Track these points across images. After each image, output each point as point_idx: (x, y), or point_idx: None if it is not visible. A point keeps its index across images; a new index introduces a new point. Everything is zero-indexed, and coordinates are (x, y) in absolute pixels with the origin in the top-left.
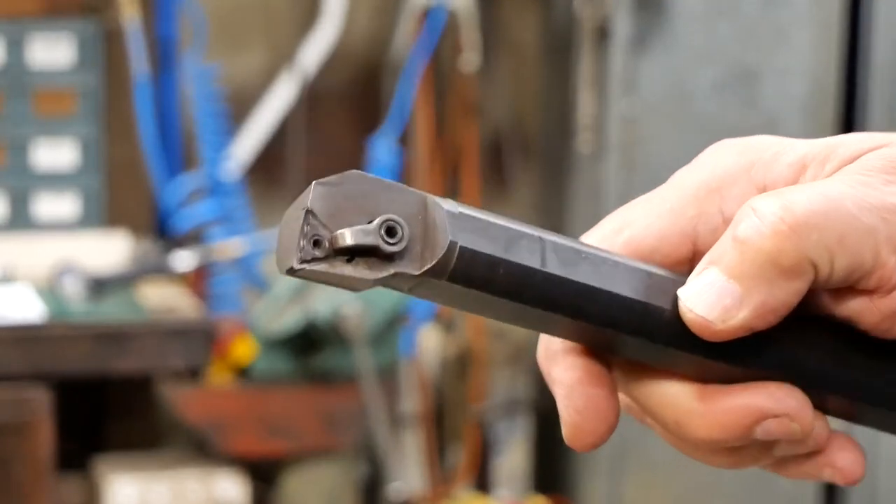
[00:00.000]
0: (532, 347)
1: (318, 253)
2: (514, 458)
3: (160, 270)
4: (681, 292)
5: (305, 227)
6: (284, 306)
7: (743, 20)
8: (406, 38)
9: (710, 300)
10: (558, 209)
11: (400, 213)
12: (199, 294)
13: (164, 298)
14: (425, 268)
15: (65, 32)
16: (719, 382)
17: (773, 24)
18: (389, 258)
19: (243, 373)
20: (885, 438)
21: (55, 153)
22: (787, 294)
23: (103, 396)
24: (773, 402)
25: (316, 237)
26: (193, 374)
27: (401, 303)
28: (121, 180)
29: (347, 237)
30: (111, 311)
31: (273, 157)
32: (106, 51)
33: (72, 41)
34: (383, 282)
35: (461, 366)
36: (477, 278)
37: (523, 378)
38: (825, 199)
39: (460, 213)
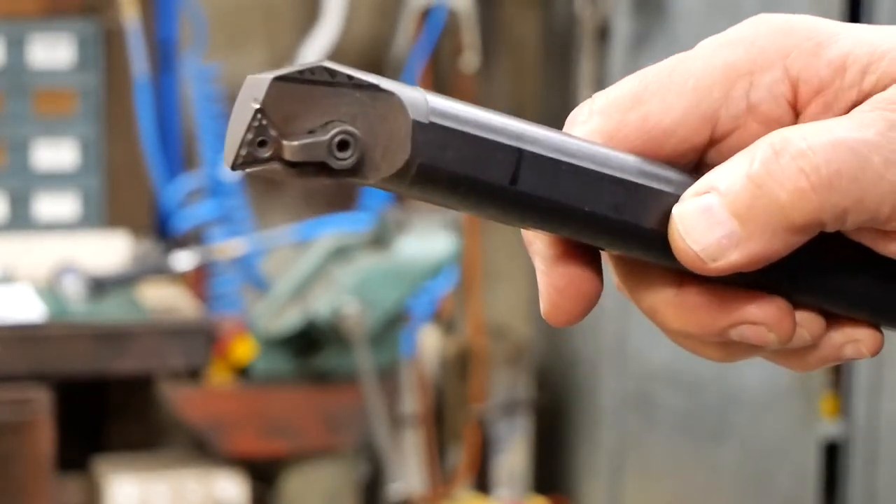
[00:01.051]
0: (532, 348)
1: (262, 153)
2: (514, 458)
3: (160, 270)
4: (675, 211)
5: (253, 125)
6: (284, 306)
7: (742, 20)
8: (406, 38)
9: (704, 231)
10: None
11: (360, 115)
12: (199, 294)
13: (164, 298)
14: (380, 177)
15: (65, 32)
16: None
17: None
18: (339, 172)
19: (243, 373)
20: (884, 439)
21: (55, 153)
22: (787, 246)
23: (103, 396)
24: (753, 311)
25: (263, 139)
26: (193, 374)
27: (401, 303)
28: (121, 180)
29: (296, 151)
30: (111, 311)
31: None
32: (106, 51)
33: (72, 41)
34: (333, 182)
35: (461, 366)
36: (436, 193)
37: (523, 378)
38: (853, 155)
39: (431, 121)
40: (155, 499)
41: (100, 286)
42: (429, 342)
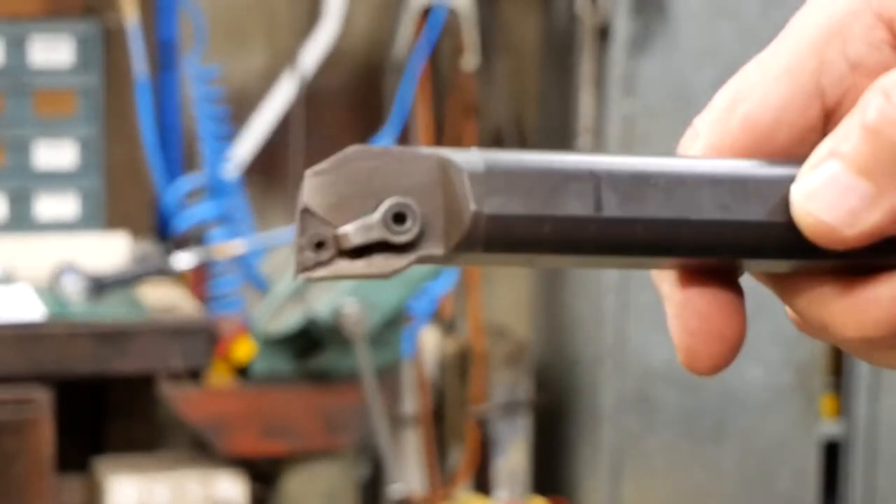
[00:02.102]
0: (532, 348)
1: (322, 256)
2: (514, 458)
3: (160, 270)
4: (794, 190)
5: (303, 229)
6: (284, 306)
7: (743, 20)
8: (406, 38)
9: (832, 200)
10: None
11: (413, 187)
12: (199, 294)
13: (164, 298)
14: (451, 246)
15: (65, 32)
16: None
17: (773, 25)
18: (405, 247)
19: (243, 373)
20: (885, 439)
21: (55, 153)
22: None
23: (103, 396)
24: None
25: (318, 238)
26: (193, 374)
27: (401, 303)
28: (121, 180)
29: (350, 237)
30: (111, 311)
31: (273, 157)
32: (106, 51)
33: (72, 41)
34: (408, 267)
35: (461, 366)
36: (518, 243)
37: (523, 378)
38: None
39: (486, 170)
40: (155, 499)
41: (100, 286)
42: (429, 342)
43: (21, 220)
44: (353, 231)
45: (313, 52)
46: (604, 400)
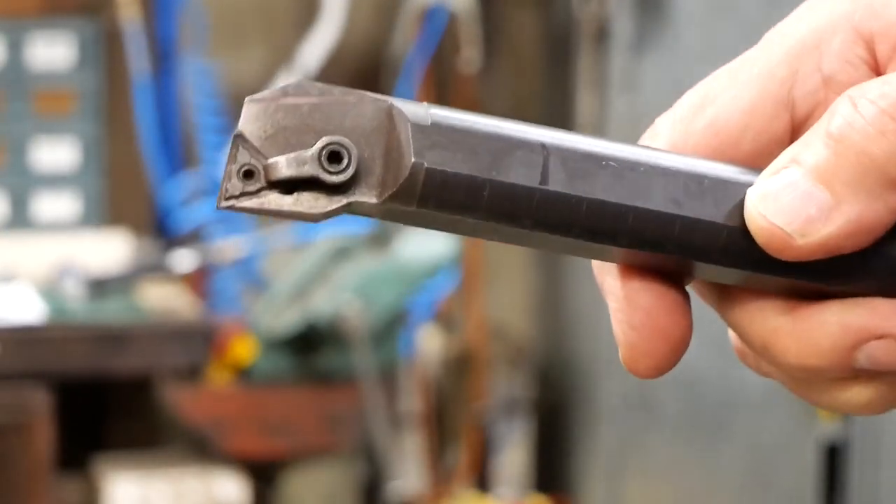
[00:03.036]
0: (532, 348)
1: (249, 186)
2: (514, 457)
3: (160, 270)
4: (750, 193)
5: (235, 155)
6: (284, 306)
7: (743, 20)
8: (406, 38)
9: (787, 205)
10: None
11: (355, 129)
12: (199, 294)
13: (164, 298)
14: (385, 195)
15: (65, 32)
16: (809, 297)
17: (773, 25)
18: (337, 188)
19: (243, 373)
20: (885, 439)
21: (55, 153)
22: (890, 209)
23: (103, 396)
24: (878, 319)
25: (247, 167)
26: (193, 374)
27: (401, 303)
28: (121, 180)
29: (281, 167)
30: (111, 311)
31: None
32: (106, 51)
33: (72, 41)
34: (336, 213)
35: (461, 366)
36: (454, 203)
37: (523, 378)
38: None
39: (433, 123)
40: (155, 498)
41: (100, 286)
42: (429, 342)
43: (21, 220)
44: (284, 162)
45: (313, 52)
46: (604, 400)
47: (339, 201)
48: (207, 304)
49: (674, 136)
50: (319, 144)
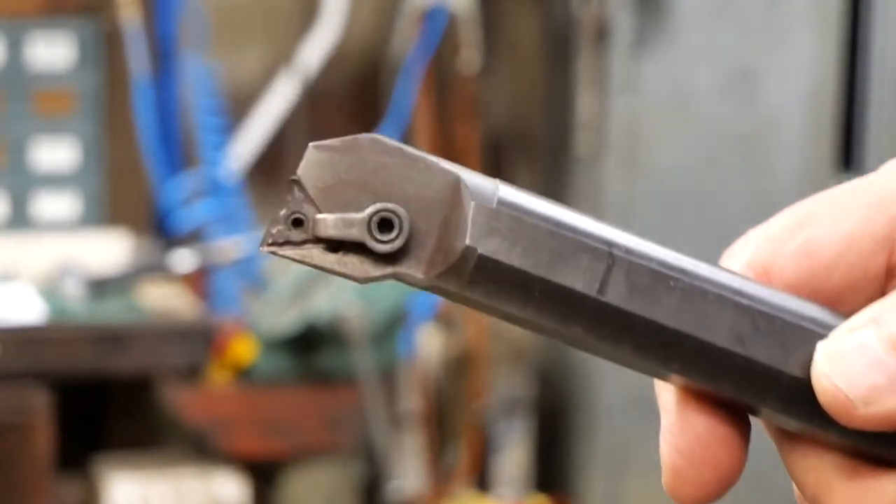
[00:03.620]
0: (532, 348)
1: (295, 236)
2: (514, 456)
3: (160, 270)
4: (820, 347)
5: (287, 198)
6: (285, 306)
7: (743, 20)
8: (405, 39)
9: (855, 370)
10: None
11: (415, 197)
12: (199, 294)
13: (163, 298)
14: (432, 273)
15: (65, 32)
16: (870, 461)
17: (773, 24)
18: (384, 257)
19: (243, 373)
20: None
21: (55, 153)
22: None
23: (103, 396)
24: None
25: (297, 216)
26: (193, 374)
27: (401, 303)
28: (121, 180)
29: (328, 226)
30: (111, 311)
31: (273, 157)
32: (106, 51)
33: (72, 41)
34: (380, 279)
35: (461, 365)
36: (502, 295)
37: (523, 378)
38: None
39: (498, 206)
40: (155, 498)
41: (100, 286)
42: (429, 342)
43: (21, 220)
44: (332, 221)
45: (313, 52)
46: (604, 399)
47: (383, 269)
48: (207, 304)
49: (764, 251)
50: (371, 209)
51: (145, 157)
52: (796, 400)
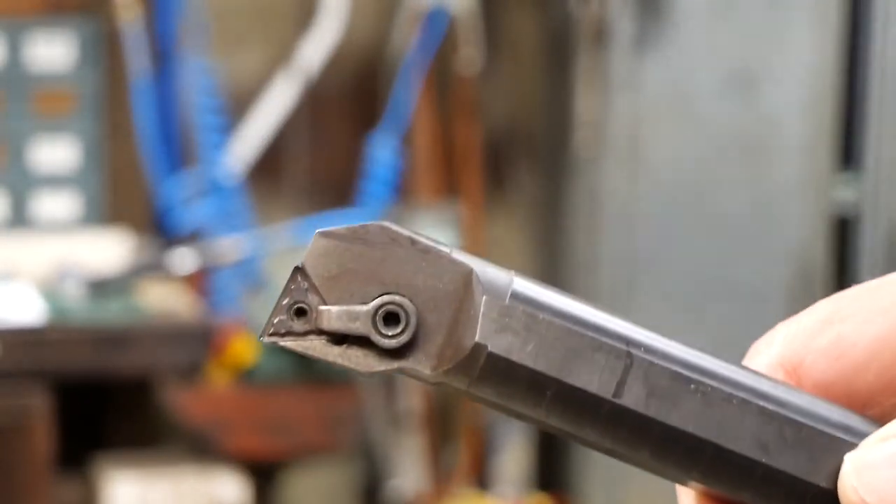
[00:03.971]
0: None
1: (298, 326)
2: (514, 457)
3: (160, 270)
4: (848, 458)
5: (291, 287)
6: None
7: (743, 21)
8: (405, 39)
9: (886, 484)
10: (558, 209)
11: (425, 289)
12: (199, 294)
13: (163, 299)
14: (440, 369)
15: (65, 32)
16: None
17: (774, 25)
18: (389, 351)
19: (244, 373)
20: None
21: (55, 153)
22: None
23: (103, 396)
24: None
25: (300, 305)
26: (193, 374)
27: None
28: (121, 180)
29: (331, 319)
30: (111, 311)
31: (273, 156)
32: (106, 51)
33: (72, 41)
34: (385, 374)
35: None
36: (512, 395)
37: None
38: None
39: (510, 303)
40: (155, 498)
41: (100, 286)
42: None
43: (21, 220)
44: (336, 314)
45: (314, 52)
46: None
47: (389, 364)
48: (207, 304)
49: (793, 346)
50: (377, 303)
51: (145, 157)
52: None
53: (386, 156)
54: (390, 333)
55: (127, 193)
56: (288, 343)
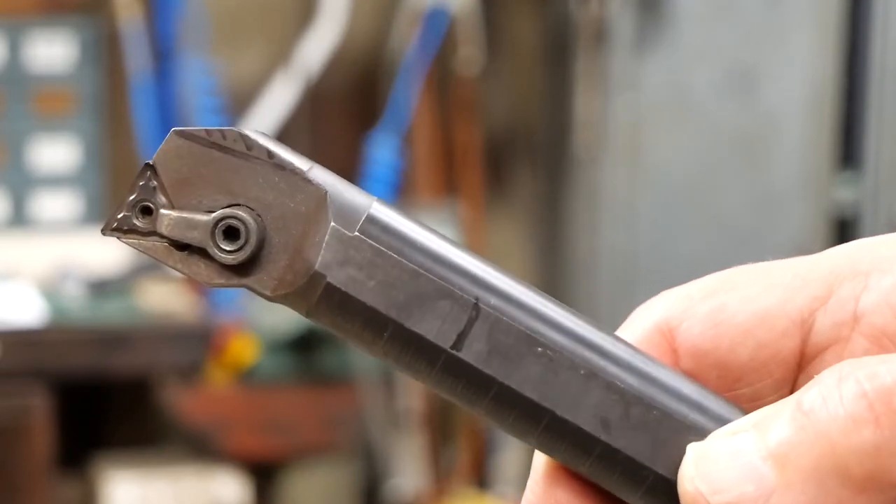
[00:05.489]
0: None
1: (141, 224)
2: (514, 457)
3: (160, 270)
4: (691, 449)
5: (139, 183)
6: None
7: (743, 20)
8: (405, 39)
9: (724, 475)
10: (558, 209)
11: (277, 207)
12: (198, 294)
13: (163, 299)
14: (278, 292)
15: (65, 32)
16: None
17: (773, 24)
18: (225, 269)
19: (243, 373)
20: None
21: (55, 153)
22: None
23: (103, 396)
24: None
25: (145, 203)
26: (193, 374)
27: None
28: (121, 180)
29: (167, 224)
30: (111, 311)
31: None
32: (106, 51)
33: (72, 41)
34: (223, 286)
35: None
36: (348, 329)
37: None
38: None
39: (357, 235)
40: (155, 498)
41: (100, 286)
42: None
43: (21, 220)
44: (174, 220)
45: (314, 52)
46: None
47: (228, 279)
48: (207, 305)
49: (673, 310)
50: (218, 215)
51: (145, 156)
52: (661, 501)
53: (386, 155)
54: (228, 249)
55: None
56: (130, 241)
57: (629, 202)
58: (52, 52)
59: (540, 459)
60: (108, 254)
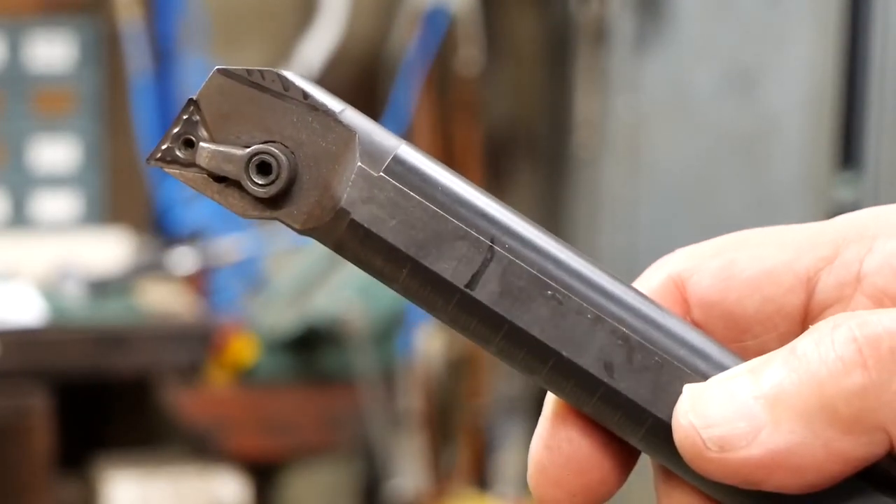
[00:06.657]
0: None
1: (183, 156)
2: (514, 457)
3: (160, 270)
4: (687, 389)
5: (183, 117)
6: (284, 306)
7: (743, 20)
8: (405, 39)
9: (717, 413)
10: (558, 209)
11: (310, 146)
12: (199, 294)
13: (163, 299)
14: (306, 227)
15: (65, 32)
16: None
17: (773, 24)
18: (258, 202)
19: (244, 373)
20: None
21: (55, 153)
22: (828, 454)
23: (103, 396)
24: None
25: (188, 136)
26: (193, 374)
27: (401, 303)
28: (121, 180)
29: (204, 157)
30: (111, 311)
31: None
32: (106, 51)
33: (72, 41)
34: (258, 219)
35: (461, 366)
36: (370, 265)
37: (523, 377)
38: None
39: (382, 175)
40: (155, 498)
41: (100, 286)
42: (429, 342)
43: (21, 220)
44: (210, 153)
45: (313, 52)
46: None
47: (262, 211)
48: (207, 304)
49: (685, 266)
50: (252, 150)
51: (145, 156)
52: (656, 441)
53: None
54: (260, 182)
55: (127, 193)
56: (173, 171)
57: (629, 202)
58: (52, 52)
59: (551, 400)
60: (108, 254)
